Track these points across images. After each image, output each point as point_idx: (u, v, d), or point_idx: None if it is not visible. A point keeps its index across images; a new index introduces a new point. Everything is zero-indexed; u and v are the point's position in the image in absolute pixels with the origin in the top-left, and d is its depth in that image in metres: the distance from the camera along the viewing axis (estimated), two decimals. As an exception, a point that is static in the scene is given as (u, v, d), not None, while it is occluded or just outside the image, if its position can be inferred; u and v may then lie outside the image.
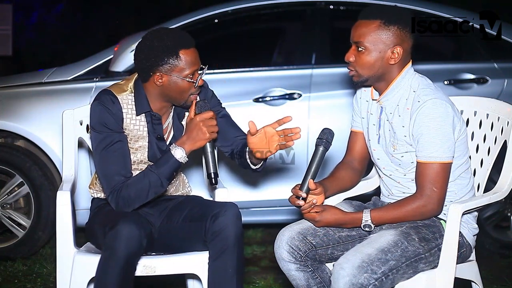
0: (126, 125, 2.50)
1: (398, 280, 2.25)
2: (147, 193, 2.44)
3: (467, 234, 2.43)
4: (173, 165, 2.43)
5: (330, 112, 3.87)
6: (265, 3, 4.07)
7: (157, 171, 2.42)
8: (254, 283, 3.48)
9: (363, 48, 2.35)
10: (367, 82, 2.42)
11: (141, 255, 2.42)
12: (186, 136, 2.44)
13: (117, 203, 2.44)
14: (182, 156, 2.43)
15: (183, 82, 2.43)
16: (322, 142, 2.37)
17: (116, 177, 2.44)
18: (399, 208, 2.34)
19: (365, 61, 2.36)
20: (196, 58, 2.45)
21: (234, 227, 2.41)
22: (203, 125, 2.40)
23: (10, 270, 3.64)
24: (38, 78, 3.96)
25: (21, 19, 10.14)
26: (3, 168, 3.82)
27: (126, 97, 2.50)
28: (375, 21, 2.34)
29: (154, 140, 2.54)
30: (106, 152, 2.44)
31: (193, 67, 2.44)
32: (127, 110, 2.49)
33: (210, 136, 2.42)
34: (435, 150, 2.30)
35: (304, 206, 2.36)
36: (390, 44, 2.35)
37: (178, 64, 2.41)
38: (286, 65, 4.37)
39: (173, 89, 2.45)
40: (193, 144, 2.42)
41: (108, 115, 2.45)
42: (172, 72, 2.42)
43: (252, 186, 3.85)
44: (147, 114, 2.52)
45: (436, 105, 2.30)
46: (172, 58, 2.41)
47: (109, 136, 2.45)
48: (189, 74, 2.43)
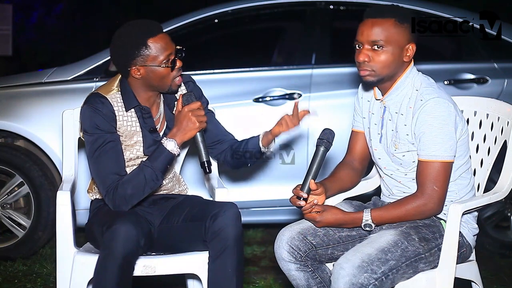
0: (120, 123, 2.52)
1: (398, 280, 2.25)
2: (143, 189, 2.45)
3: (467, 234, 2.43)
4: (167, 157, 2.45)
5: (330, 112, 3.87)
6: (265, 3, 4.07)
7: (151, 165, 2.44)
8: (254, 283, 3.48)
9: (381, 47, 2.34)
10: (382, 81, 2.39)
11: (139, 255, 2.42)
12: (176, 128, 2.47)
13: (114, 202, 2.45)
14: (174, 148, 2.45)
15: (160, 69, 2.46)
16: (322, 142, 2.37)
17: (110, 176, 2.45)
18: (400, 207, 2.34)
19: (384, 60, 2.34)
20: (166, 43, 2.47)
21: (234, 227, 2.41)
22: (192, 115, 2.44)
23: (10, 270, 3.63)
24: (38, 78, 3.96)
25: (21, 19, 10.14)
26: (3, 168, 3.82)
27: (114, 95, 2.53)
28: (389, 19, 2.34)
29: (148, 133, 2.56)
30: (99, 153, 2.46)
31: (165, 51, 2.46)
32: (118, 108, 2.52)
33: (199, 126, 2.45)
34: (437, 149, 2.30)
35: (305, 206, 2.36)
36: (405, 42, 2.35)
37: (150, 53, 2.45)
38: (286, 65, 4.37)
39: (153, 78, 2.48)
40: (184, 134, 2.46)
41: (98, 117, 2.47)
42: (146, 62, 2.45)
43: (252, 186, 3.85)
44: (137, 108, 2.55)
45: (439, 104, 2.30)
46: (142, 49, 2.44)
47: (101, 137, 2.47)
48: (164, 60, 2.46)
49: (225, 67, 4.01)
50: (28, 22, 10.41)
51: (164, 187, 2.68)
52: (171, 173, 2.71)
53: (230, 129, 2.77)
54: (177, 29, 3.94)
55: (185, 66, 2.57)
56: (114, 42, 2.51)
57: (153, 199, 2.63)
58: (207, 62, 4.17)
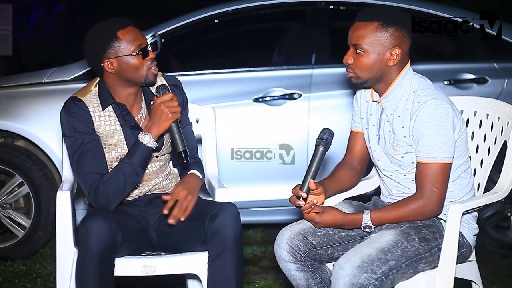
0: (97, 124, 2.53)
1: (398, 280, 2.25)
2: (124, 185, 2.46)
3: (467, 234, 2.43)
4: (144, 151, 2.46)
5: (330, 112, 3.87)
6: (265, 3, 4.07)
7: (130, 161, 2.46)
8: (254, 283, 3.48)
9: (361, 51, 2.34)
10: (366, 84, 2.42)
11: (118, 251, 2.40)
12: (151, 121, 2.48)
13: (97, 201, 2.46)
14: (150, 141, 2.46)
15: (133, 59, 2.48)
16: (322, 142, 2.37)
17: (91, 176, 2.46)
18: (399, 209, 2.34)
19: (364, 63, 2.36)
20: (137, 34, 2.50)
21: (233, 227, 2.41)
22: (164, 106, 2.45)
23: (10, 270, 3.63)
24: (38, 78, 3.96)
25: (21, 19, 10.14)
26: (3, 168, 3.82)
27: (90, 97, 2.54)
28: (373, 23, 2.34)
29: (129, 130, 2.57)
30: (79, 155, 2.48)
31: (136, 41, 2.48)
32: (94, 109, 2.53)
33: (172, 116, 2.46)
34: (435, 150, 2.30)
35: (305, 206, 2.36)
36: (389, 46, 2.34)
37: (120, 44, 2.47)
38: (286, 65, 4.37)
39: (127, 70, 2.49)
40: (158, 127, 2.47)
41: (74, 119, 2.49)
42: (118, 53, 2.47)
43: (252, 186, 3.85)
44: (114, 106, 2.55)
45: (436, 105, 2.30)
46: (112, 42, 2.46)
47: (78, 138, 2.49)
48: (136, 50, 2.47)
49: (225, 67, 4.01)
50: (28, 22, 10.41)
51: (159, 185, 2.67)
52: (166, 171, 2.71)
53: (230, 129, 2.77)
54: (177, 29, 3.94)
55: (186, 66, 2.57)
56: (86, 40, 2.54)
57: (149, 198, 2.63)
58: (207, 62, 4.17)
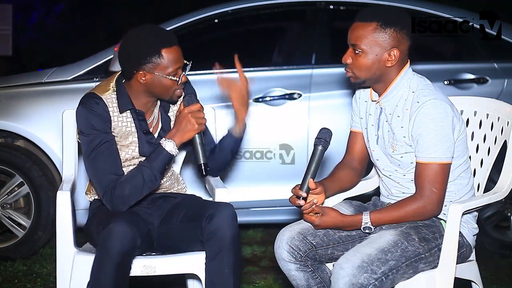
0: (115, 124, 2.52)
1: (398, 280, 2.25)
2: (142, 189, 2.45)
3: (467, 234, 2.43)
4: (165, 158, 2.46)
5: (330, 112, 3.87)
6: (265, 3, 4.06)
7: (150, 166, 2.45)
8: (254, 283, 3.48)
9: (359, 51, 2.34)
10: (365, 84, 2.42)
11: (136, 254, 2.42)
12: (175, 128, 2.48)
13: (112, 202, 2.45)
14: (173, 149, 2.46)
15: (166, 80, 2.46)
16: (320, 141, 2.37)
17: (108, 176, 2.45)
18: (399, 209, 2.34)
19: (362, 64, 2.36)
20: (178, 56, 2.48)
21: (230, 227, 2.41)
22: (192, 116, 2.45)
23: (10, 270, 3.63)
24: (38, 78, 3.96)
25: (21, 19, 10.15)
26: (3, 168, 3.82)
27: (110, 96, 2.52)
28: (371, 23, 2.34)
29: (143, 135, 2.56)
30: (96, 154, 2.46)
31: (175, 65, 2.46)
32: (113, 108, 2.51)
33: (198, 128, 2.47)
34: (434, 150, 2.30)
35: (305, 206, 2.36)
36: (387, 47, 2.34)
37: (161, 62, 2.44)
38: (286, 65, 4.37)
39: (156, 87, 2.48)
40: (183, 136, 2.47)
41: (94, 117, 2.47)
42: (155, 70, 2.45)
43: (252, 186, 3.85)
44: (132, 111, 2.54)
45: (435, 106, 2.30)
46: (154, 57, 2.43)
47: (97, 137, 2.47)
48: (172, 72, 2.46)
49: (225, 67, 4.00)
50: (28, 22, 10.42)
51: (162, 185, 2.68)
52: (169, 172, 2.71)
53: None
54: (177, 29, 3.94)
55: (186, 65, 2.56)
56: (126, 43, 2.50)
57: (152, 198, 2.63)
58: (207, 62, 4.16)
